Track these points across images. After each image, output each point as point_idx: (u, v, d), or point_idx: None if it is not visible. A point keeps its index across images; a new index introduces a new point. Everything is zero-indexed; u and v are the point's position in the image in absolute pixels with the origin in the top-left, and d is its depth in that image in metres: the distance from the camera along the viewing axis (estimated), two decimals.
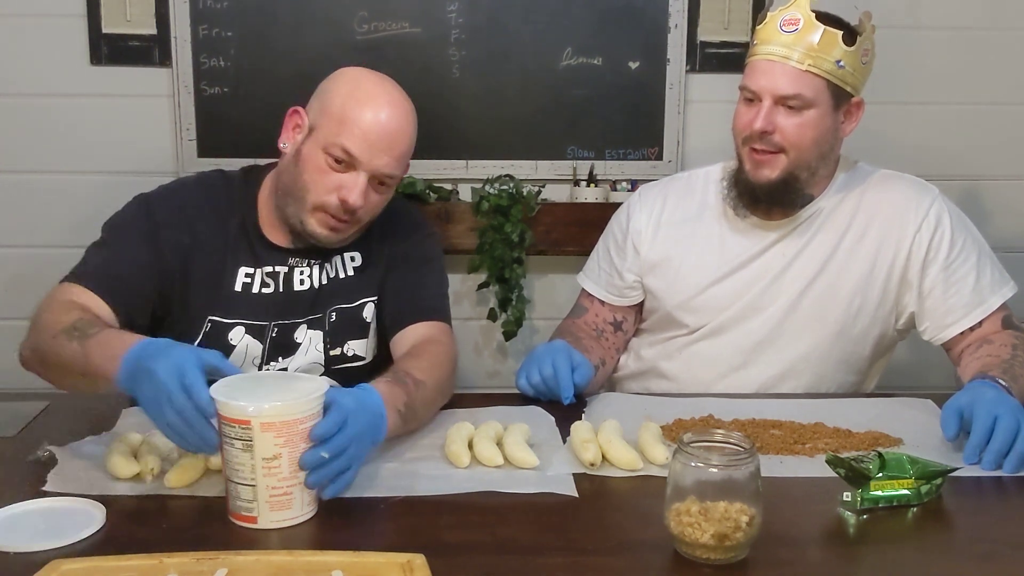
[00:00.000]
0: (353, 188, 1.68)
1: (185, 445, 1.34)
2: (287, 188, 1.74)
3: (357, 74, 1.75)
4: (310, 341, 1.81)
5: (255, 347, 1.78)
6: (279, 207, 1.76)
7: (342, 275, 1.83)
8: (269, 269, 1.78)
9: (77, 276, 1.68)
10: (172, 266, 1.73)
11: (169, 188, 1.82)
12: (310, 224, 1.72)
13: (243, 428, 1.27)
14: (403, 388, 1.53)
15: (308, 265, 1.80)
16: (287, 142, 1.75)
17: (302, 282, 1.80)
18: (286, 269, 1.79)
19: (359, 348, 1.85)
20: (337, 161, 1.68)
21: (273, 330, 1.78)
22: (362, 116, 1.67)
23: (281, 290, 1.78)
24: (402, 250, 1.86)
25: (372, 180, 1.70)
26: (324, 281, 1.81)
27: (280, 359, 1.80)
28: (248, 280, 1.77)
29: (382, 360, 1.87)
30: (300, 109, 1.75)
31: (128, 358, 1.38)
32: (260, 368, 1.78)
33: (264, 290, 1.78)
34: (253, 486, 1.29)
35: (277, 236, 1.79)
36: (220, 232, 1.77)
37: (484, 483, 1.43)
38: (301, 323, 1.80)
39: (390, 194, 1.77)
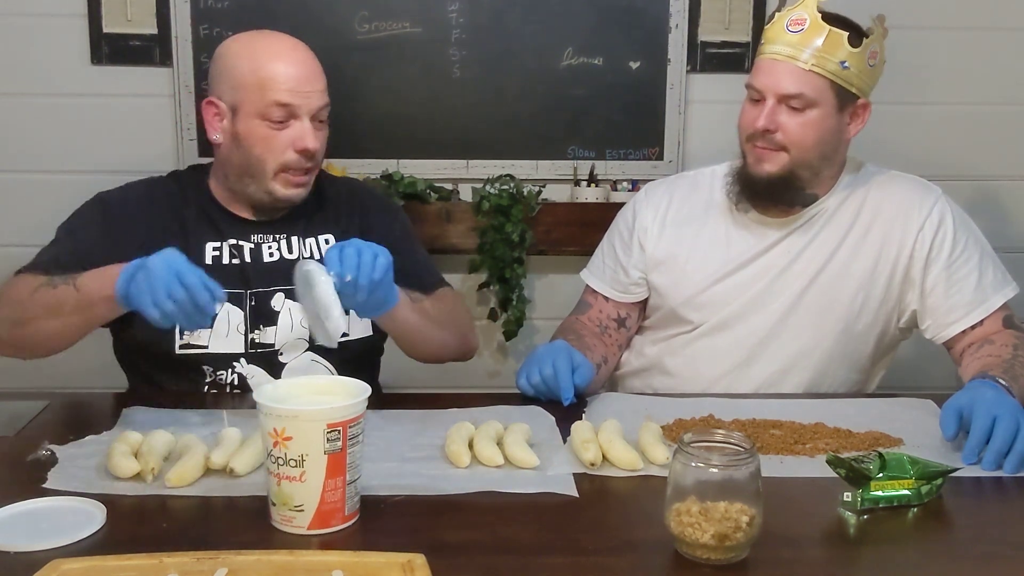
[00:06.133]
0: (305, 135, 1.77)
1: (187, 319, 1.46)
2: (242, 169, 1.81)
3: (245, 40, 1.84)
4: (289, 312, 1.83)
5: (236, 314, 1.82)
6: (238, 190, 1.84)
7: (317, 256, 1.85)
8: (233, 242, 1.83)
9: (30, 267, 1.73)
10: (130, 259, 1.75)
11: (124, 187, 1.89)
12: (277, 190, 1.80)
13: (360, 424, 1.30)
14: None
15: (275, 240, 1.86)
16: (216, 132, 1.82)
17: (271, 254, 1.85)
18: (252, 245, 1.85)
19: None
20: (278, 121, 1.76)
21: (251, 299, 1.83)
22: (277, 70, 1.76)
23: (249, 260, 1.83)
24: (379, 228, 1.90)
25: (313, 120, 1.78)
26: (296, 256, 1.85)
27: (262, 327, 1.83)
28: (216, 253, 1.83)
29: (371, 344, 1.91)
30: (212, 99, 1.82)
31: (126, 269, 1.51)
32: (247, 336, 1.81)
33: (234, 261, 1.83)
34: (358, 479, 1.31)
35: (241, 210, 1.87)
36: (176, 221, 1.83)
37: (484, 483, 1.43)
38: (276, 291, 1.83)
39: (327, 131, 1.85)
